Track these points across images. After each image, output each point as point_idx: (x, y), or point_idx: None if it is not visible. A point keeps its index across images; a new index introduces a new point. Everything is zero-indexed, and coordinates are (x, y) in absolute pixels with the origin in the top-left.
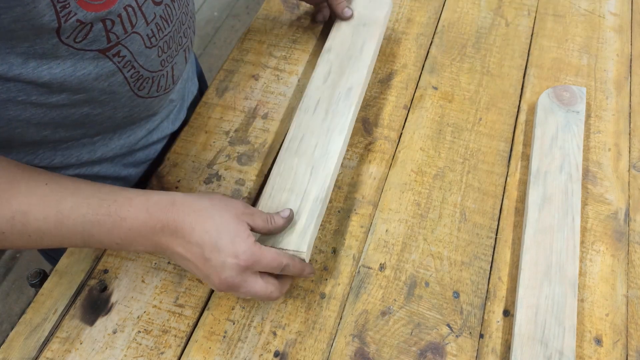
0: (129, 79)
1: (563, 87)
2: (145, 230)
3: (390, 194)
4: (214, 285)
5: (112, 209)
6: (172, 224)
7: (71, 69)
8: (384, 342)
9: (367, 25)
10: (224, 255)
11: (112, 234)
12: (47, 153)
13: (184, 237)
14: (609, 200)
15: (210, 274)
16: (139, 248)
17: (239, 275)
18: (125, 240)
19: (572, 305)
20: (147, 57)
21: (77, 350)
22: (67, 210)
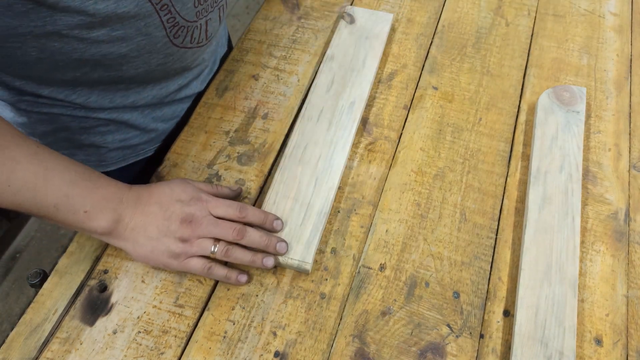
0: (165, 23)
1: (563, 87)
2: (112, 202)
3: (390, 194)
4: (177, 231)
5: (91, 177)
6: (134, 195)
7: (114, 6)
8: (384, 342)
9: (369, 39)
10: (182, 200)
11: (86, 198)
12: (84, 90)
13: (143, 204)
14: (609, 200)
15: (172, 221)
16: (101, 222)
17: (198, 211)
18: (94, 207)
19: (572, 305)
20: (183, 4)
21: (77, 350)
22: (55, 169)
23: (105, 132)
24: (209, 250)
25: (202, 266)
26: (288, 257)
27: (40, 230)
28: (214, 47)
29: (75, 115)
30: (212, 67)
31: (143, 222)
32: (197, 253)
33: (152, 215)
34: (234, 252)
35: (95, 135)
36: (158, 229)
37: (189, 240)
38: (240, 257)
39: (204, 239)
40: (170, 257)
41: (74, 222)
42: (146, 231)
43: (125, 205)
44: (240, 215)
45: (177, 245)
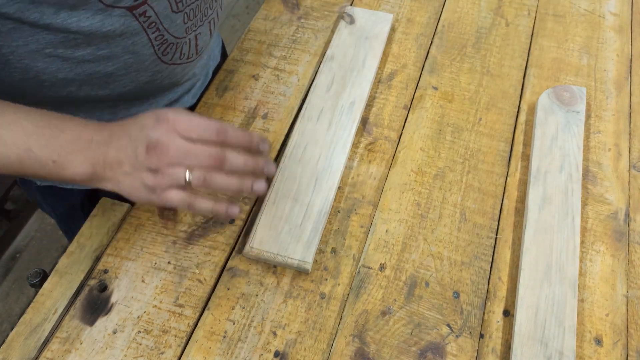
0: (153, 40)
1: (563, 87)
2: (81, 143)
3: (390, 194)
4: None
5: (53, 122)
6: (106, 131)
7: (99, 24)
8: (384, 342)
9: (369, 39)
10: (146, 124)
11: (49, 147)
12: (71, 109)
13: (116, 139)
14: (609, 200)
15: (137, 150)
16: (76, 169)
17: (163, 135)
18: (62, 155)
19: (572, 305)
20: (172, 21)
21: (77, 350)
22: (6, 124)
23: None
24: (182, 179)
25: (181, 199)
26: (288, 257)
27: (40, 230)
28: (205, 61)
29: None
30: (204, 80)
31: (117, 157)
32: (172, 183)
33: (122, 149)
34: (215, 179)
35: None
36: (129, 163)
37: (158, 170)
38: (223, 183)
39: (175, 167)
40: (147, 192)
41: (47, 174)
42: (121, 167)
43: (97, 145)
44: (218, 139)
45: (149, 178)
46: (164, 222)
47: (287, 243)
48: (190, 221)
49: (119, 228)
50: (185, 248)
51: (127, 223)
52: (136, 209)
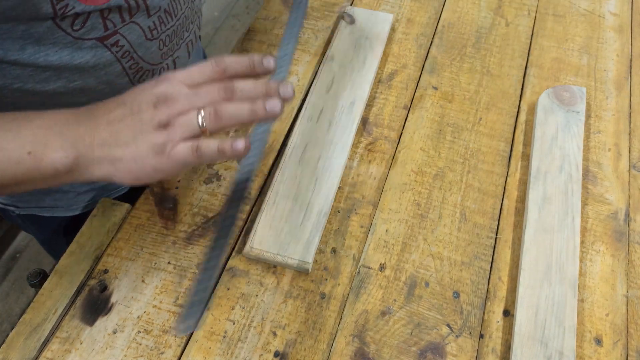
0: (127, 69)
1: (563, 87)
2: (57, 125)
3: (390, 194)
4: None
5: (17, 115)
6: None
7: (69, 57)
8: (384, 342)
9: (369, 39)
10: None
11: (20, 138)
12: None
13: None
14: (609, 200)
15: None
16: (56, 155)
17: (169, 87)
18: (36, 143)
19: (572, 305)
20: (147, 49)
21: (77, 350)
22: None
23: None
24: (196, 122)
25: (188, 149)
26: (288, 257)
27: None
28: None
29: None
30: None
31: (110, 130)
32: (184, 134)
33: (118, 119)
34: (227, 108)
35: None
36: (131, 128)
37: (169, 123)
38: (236, 111)
39: (186, 113)
40: (157, 155)
41: (25, 172)
42: (119, 138)
43: (77, 125)
44: (218, 70)
45: (160, 135)
46: (164, 222)
47: (287, 243)
48: (190, 221)
49: (119, 228)
50: (185, 248)
51: (127, 223)
52: (136, 209)
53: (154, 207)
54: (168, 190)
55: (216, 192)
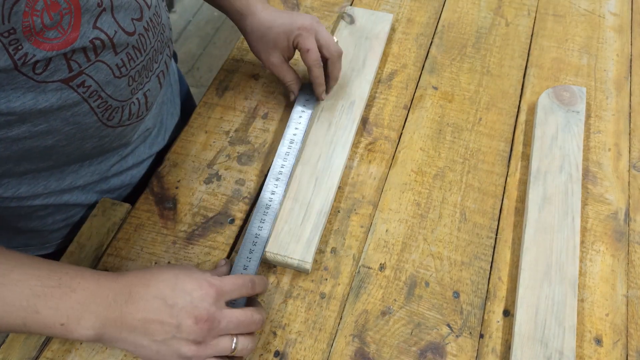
0: (95, 108)
1: (563, 87)
2: (94, 304)
3: (390, 194)
4: (190, 332)
5: (63, 280)
6: (125, 289)
7: (32, 102)
8: (384, 342)
9: (369, 39)
10: (189, 291)
11: (59, 310)
12: (12, 182)
13: (141, 298)
14: (609, 200)
15: (181, 320)
16: (84, 331)
17: (213, 305)
18: (71, 317)
19: (572, 305)
20: (115, 86)
21: (77, 350)
22: (13, 283)
23: (45, 215)
24: (229, 350)
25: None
26: (288, 257)
27: None
28: (156, 111)
29: (7, 206)
30: (160, 128)
31: (144, 321)
32: (213, 355)
33: (154, 313)
34: (252, 349)
35: (34, 221)
36: (164, 330)
37: (203, 342)
38: (253, 346)
39: (220, 337)
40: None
41: (53, 335)
42: (148, 332)
43: (115, 306)
44: (252, 292)
45: (189, 348)
46: (164, 222)
47: (287, 243)
48: (190, 221)
49: (119, 228)
50: (185, 248)
51: (127, 223)
52: (136, 209)
53: (154, 207)
54: (168, 190)
55: (216, 192)
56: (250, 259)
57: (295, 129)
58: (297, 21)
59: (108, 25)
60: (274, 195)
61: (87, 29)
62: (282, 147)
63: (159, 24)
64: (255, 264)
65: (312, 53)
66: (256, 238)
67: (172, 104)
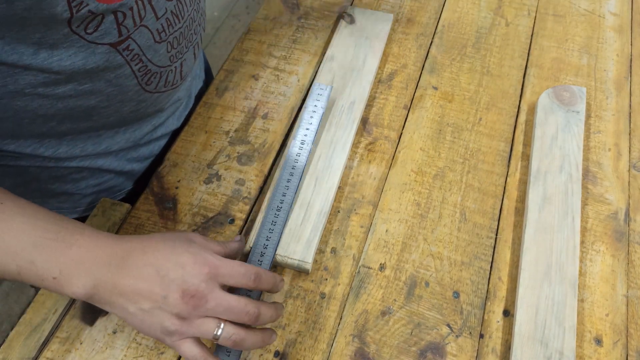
0: (136, 72)
1: (563, 87)
2: (89, 262)
3: (390, 194)
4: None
5: (61, 234)
6: (122, 253)
7: (82, 62)
8: (384, 342)
9: (369, 39)
10: (182, 265)
11: (53, 263)
12: (52, 142)
13: (135, 265)
14: (609, 200)
15: (169, 292)
16: (75, 289)
17: (203, 283)
18: (64, 273)
19: (572, 305)
20: (155, 51)
21: (77, 350)
22: (14, 230)
23: (79, 179)
24: (211, 334)
25: (194, 355)
26: (288, 257)
27: None
28: (188, 83)
29: (45, 166)
30: (188, 102)
31: (133, 287)
32: (196, 335)
33: (144, 281)
34: (246, 342)
35: (68, 183)
36: (151, 300)
37: (187, 319)
38: (251, 343)
39: (206, 318)
40: (162, 334)
41: (45, 287)
42: (136, 300)
43: (108, 267)
44: (254, 285)
45: (173, 322)
46: (164, 222)
47: (287, 243)
48: (190, 221)
49: (119, 228)
50: None
51: (127, 223)
52: (136, 209)
53: (154, 207)
54: (168, 190)
55: (216, 192)
56: (261, 263)
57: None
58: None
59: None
60: (284, 197)
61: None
62: (293, 148)
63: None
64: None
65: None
66: (267, 241)
67: (199, 80)
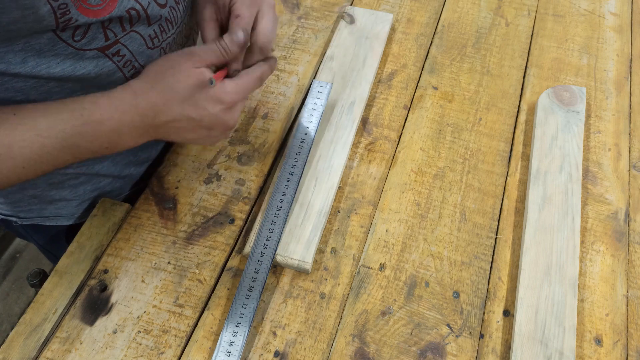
0: (129, 78)
1: (563, 87)
2: (126, 126)
3: (390, 194)
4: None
5: (86, 116)
6: (149, 110)
7: (71, 69)
8: (384, 342)
9: (369, 39)
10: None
11: (98, 140)
12: None
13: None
14: (609, 200)
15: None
16: (130, 143)
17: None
18: (111, 141)
19: (572, 305)
20: (148, 57)
21: (77, 350)
22: (45, 131)
23: (76, 184)
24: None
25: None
26: (288, 257)
27: None
28: None
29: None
30: None
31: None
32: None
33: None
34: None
35: (65, 190)
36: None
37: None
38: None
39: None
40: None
41: (101, 155)
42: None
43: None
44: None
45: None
46: (164, 222)
47: (287, 243)
48: (190, 221)
49: (119, 228)
50: (185, 248)
51: (127, 223)
52: (136, 209)
53: (154, 207)
54: (168, 190)
55: (216, 192)
56: (261, 263)
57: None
58: None
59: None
60: (284, 196)
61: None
62: (292, 149)
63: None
64: (266, 266)
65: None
66: (267, 241)
67: None
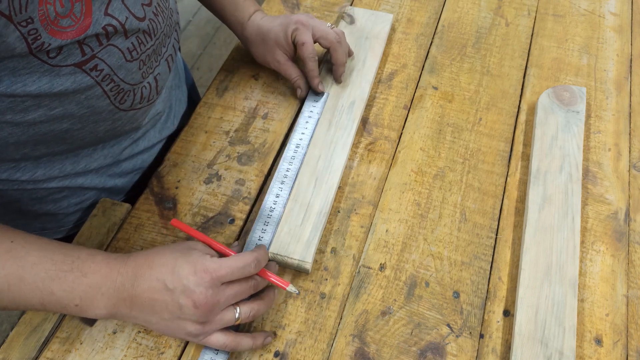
0: (108, 92)
1: (563, 87)
2: (105, 286)
3: (390, 194)
4: (192, 314)
5: (75, 264)
6: (132, 271)
7: (47, 86)
8: (384, 342)
9: (369, 39)
10: (185, 276)
11: (72, 292)
12: (28, 166)
13: (145, 280)
14: (609, 200)
15: (182, 303)
16: (98, 311)
17: (210, 289)
18: (84, 299)
19: (572, 305)
20: (127, 70)
21: (77, 350)
22: (30, 265)
23: (60, 198)
24: (233, 321)
25: (224, 343)
26: (288, 257)
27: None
28: (166, 95)
29: (24, 189)
30: (169, 111)
31: (150, 301)
32: (219, 329)
33: (158, 294)
34: (258, 311)
35: (49, 204)
36: (169, 311)
37: (206, 321)
38: (262, 310)
39: (222, 312)
40: (188, 336)
41: (70, 314)
42: (156, 311)
43: (123, 287)
44: (256, 271)
45: (195, 327)
46: (164, 222)
47: (287, 243)
48: (191, 221)
49: (119, 228)
50: None
51: (127, 223)
52: (136, 209)
53: (154, 207)
54: (168, 190)
55: (216, 192)
56: None
57: (302, 134)
58: (293, 18)
59: (119, 11)
60: (278, 198)
61: (99, 16)
62: (288, 152)
63: (167, 9)
64: None
65: (308, 46)
66: (259, 241)
67: (179, 90)
